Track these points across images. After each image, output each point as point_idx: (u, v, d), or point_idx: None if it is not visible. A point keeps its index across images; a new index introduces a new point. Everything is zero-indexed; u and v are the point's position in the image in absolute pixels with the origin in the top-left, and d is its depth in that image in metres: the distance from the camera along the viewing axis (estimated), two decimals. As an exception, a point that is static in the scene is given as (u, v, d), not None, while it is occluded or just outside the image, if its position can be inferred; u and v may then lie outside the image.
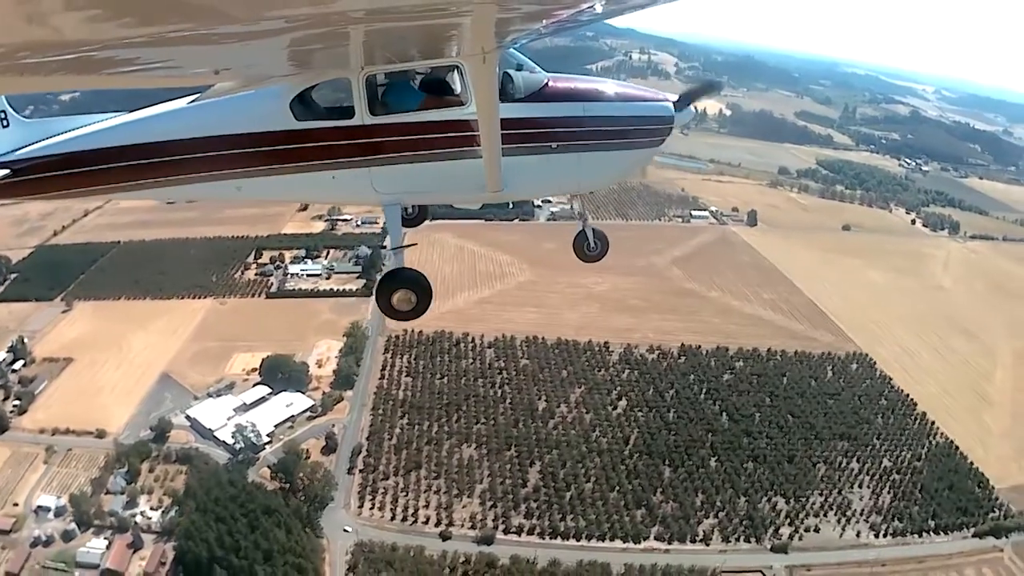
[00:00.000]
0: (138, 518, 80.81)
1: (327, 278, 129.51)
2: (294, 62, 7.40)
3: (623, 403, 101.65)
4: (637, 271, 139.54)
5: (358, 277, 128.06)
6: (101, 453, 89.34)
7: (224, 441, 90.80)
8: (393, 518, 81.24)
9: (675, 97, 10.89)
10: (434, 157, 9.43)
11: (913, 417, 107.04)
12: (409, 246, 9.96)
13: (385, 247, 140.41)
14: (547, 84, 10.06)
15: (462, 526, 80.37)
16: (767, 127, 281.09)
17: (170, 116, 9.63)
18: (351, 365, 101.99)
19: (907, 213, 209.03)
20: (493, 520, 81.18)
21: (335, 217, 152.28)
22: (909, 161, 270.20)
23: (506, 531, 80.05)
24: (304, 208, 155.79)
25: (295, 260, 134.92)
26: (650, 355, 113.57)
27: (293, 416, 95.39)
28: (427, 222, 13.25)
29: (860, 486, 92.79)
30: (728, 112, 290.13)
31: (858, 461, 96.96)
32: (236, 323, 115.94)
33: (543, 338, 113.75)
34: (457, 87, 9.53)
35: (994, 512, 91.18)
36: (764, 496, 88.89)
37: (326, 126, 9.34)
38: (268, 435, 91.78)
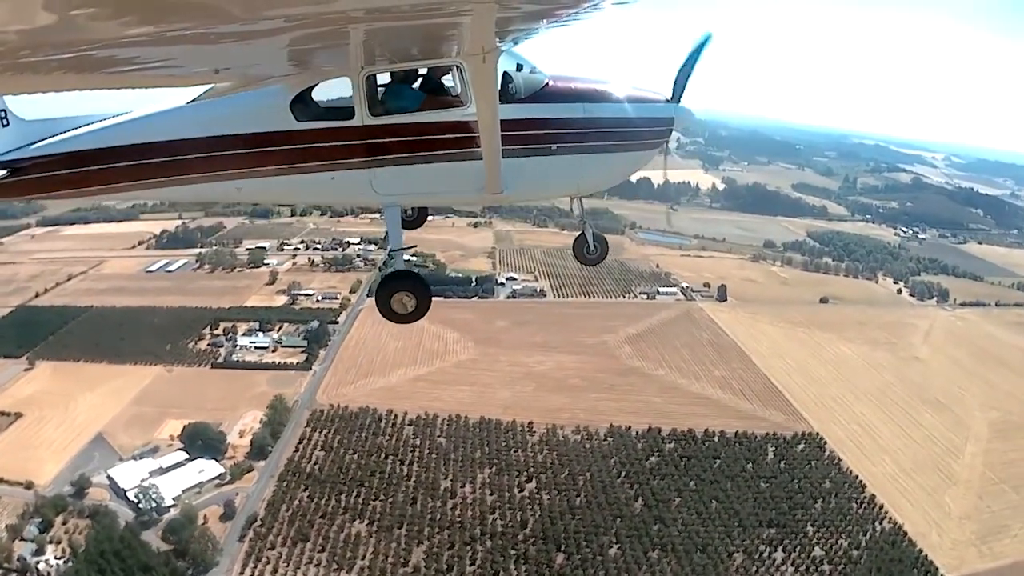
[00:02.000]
0: (41, 565, 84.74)
1: (273, 351, 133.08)
2: (294, 62, 7.54)
3: (531, 485, 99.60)
4: (584, 349, 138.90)
5: (303, 351, 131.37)
6: (24, 503, 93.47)
7: (132, 501, 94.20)
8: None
9: (668, 93, 10.89)
10: (434, 158, 9.46)
11: (859, 501, 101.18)
12: (409, 248, 10.01)
13: (337, 321, 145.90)
14: (547, 85, 10.08)
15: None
16: (760, 200, 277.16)
17: (170, 116, 9.66)
18: (266, 437, 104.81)
19: (894, 283, 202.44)
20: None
21: (297, 292, 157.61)
22: (906, 229, 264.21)
23: (375, 611, 79.47)
24: (272, 282, 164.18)
25: (248, 332, 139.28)
26: (575, 436, 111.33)
27: (202, 482, 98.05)
28: None
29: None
30: (722, 187, 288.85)
31: (784, 551, 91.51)
32: (176, 390, 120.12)
33: (466, 417, 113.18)
34: (457, 87, 9.52)
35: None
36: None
37: (326, 126, 9.34)
38: (175, 498, 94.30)
